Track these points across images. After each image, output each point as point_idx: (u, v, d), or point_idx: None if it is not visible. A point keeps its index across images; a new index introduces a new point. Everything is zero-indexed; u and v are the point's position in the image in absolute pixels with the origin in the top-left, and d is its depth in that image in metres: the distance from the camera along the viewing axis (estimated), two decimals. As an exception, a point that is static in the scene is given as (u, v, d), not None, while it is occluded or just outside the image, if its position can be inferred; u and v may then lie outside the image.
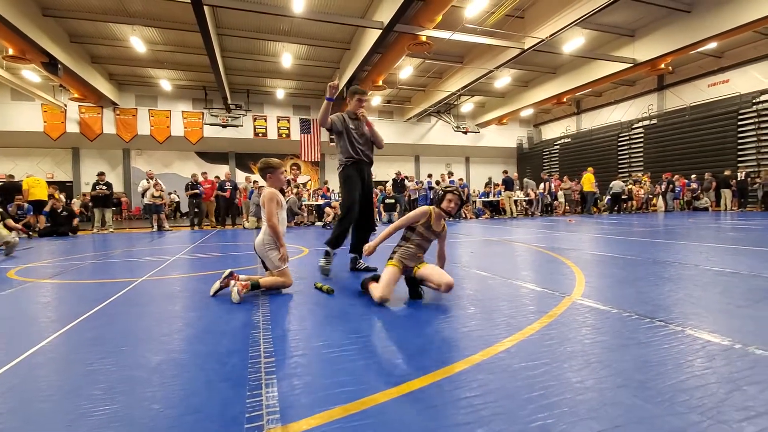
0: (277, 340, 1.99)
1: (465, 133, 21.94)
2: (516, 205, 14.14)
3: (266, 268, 3.19)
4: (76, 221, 10.21)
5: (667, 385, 1.42)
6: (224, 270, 3.02)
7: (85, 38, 13.96)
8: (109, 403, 1.39)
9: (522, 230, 8.69)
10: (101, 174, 10.98)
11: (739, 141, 15.03)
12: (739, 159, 15.02)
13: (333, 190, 14.20)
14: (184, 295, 3.13)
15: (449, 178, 14.01)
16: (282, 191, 3.40)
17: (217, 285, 2.98)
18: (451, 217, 3.14)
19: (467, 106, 22.29)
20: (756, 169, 14.37)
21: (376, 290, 2.66)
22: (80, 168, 19.52)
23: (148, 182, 11.10)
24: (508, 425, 1.19)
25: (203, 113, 18.69)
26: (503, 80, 17.46)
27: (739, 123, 14.93)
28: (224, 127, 18.63)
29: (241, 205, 12.49)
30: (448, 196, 2.91)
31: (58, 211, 9.89)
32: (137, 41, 12.85)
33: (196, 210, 11.45)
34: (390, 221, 11.91)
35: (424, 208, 2.95)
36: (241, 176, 18.95)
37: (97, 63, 16.00)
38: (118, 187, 19.60)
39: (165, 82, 17.84)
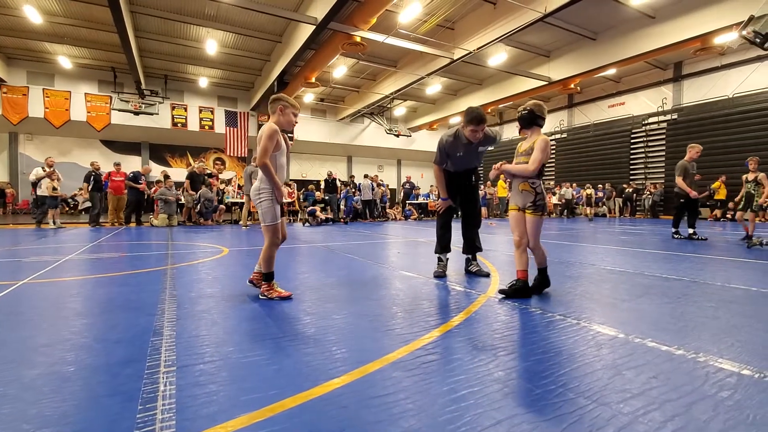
0: (181, 347, 1.83)
1: (397, 136, 22.32)
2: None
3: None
4: None
5: (561, 372, 1.55)
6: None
7: (-36, 1, 11.83)
8: (-41, 429, 1.16)
9: (447, 232, 9.04)
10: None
11: (631, 157, 17.27)
12: (631, 172, 17.24)
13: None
14: (75, 300, 2.76)
15: (372, 181, 13.98)
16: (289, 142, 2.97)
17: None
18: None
19: (400, 110, 22.72)
20: (643, 182, 16.56)
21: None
22: (-47, 152, 16.50)
23: (44, 170, 9.67)
24: (417, 421, 1.20)
25: (111, 97, 16.73)
26: (434, 87, 18.11)
27: (632, 141, 17.19)
28: (136, 114, 16.85)
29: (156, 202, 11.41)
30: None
31: None
32: (32, 11, 11.16)
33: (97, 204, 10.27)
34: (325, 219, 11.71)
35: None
36: (156, 169, 17.27)
37: (-22, 31, 13.65)
38: (2, 176, 16.94)
39: (64, 59, 15.67)
